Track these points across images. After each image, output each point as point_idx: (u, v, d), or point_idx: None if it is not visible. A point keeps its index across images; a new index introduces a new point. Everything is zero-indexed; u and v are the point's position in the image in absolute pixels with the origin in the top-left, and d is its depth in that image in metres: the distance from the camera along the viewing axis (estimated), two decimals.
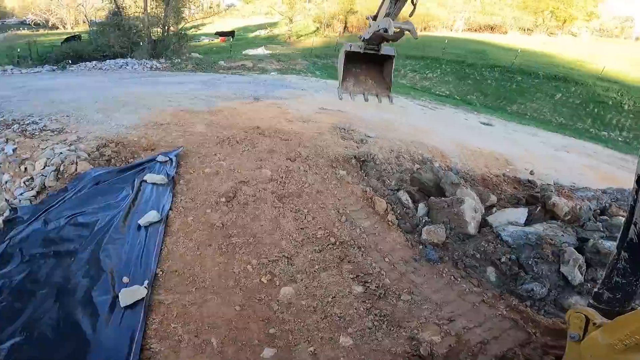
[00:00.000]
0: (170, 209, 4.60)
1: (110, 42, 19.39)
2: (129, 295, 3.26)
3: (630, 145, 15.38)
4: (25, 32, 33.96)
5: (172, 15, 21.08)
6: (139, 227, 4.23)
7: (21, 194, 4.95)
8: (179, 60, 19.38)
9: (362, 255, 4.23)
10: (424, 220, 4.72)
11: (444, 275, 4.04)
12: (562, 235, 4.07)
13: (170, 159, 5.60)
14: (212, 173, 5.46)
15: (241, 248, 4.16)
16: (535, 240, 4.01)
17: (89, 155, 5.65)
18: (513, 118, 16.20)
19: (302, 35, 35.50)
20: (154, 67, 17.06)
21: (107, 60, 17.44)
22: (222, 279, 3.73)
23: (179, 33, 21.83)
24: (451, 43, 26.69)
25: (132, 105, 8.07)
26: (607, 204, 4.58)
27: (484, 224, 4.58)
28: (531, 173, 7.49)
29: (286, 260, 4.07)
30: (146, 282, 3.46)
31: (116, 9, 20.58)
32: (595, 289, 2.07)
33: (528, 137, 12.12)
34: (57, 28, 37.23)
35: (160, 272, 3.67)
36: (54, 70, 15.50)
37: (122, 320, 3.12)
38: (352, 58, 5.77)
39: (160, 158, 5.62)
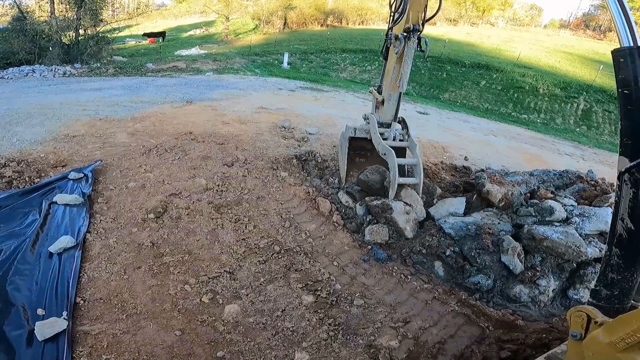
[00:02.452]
0: (88, 231, 4.11)
1: (14, 49, 17.46)
2: (46, 328, 2.96)
3: (548, 126, 16.92)
4: None
5: (88, 17, 19.59)
6: (51, 254, 3.76)
7: None
8: (98, 64, 17.82)
9: (309, 261, 4.04)
10: (367, 219, 4.62)
11: (394, 274, 3.97)
12: (499, 223, 4.15)
13: (85, 175, 4.98)
14: (137, 187, 4.91)
15: (176, 267, 3.79)
16: (475, 231, 4.05)
17: None
18: (446, 106, 17.03)
19: (240, 33, 34.55)
20: (68, 73, 15.45)
21: (10, 69, 15.46)
22: (156, 303, 3.38)
23: (96, 35, 20.15)
24: None
25: (38, 117, 7.08)
26: (535, 187, 4.77)
27: (427, 216, 4.57)
28: (465, 159, 7.81)
29: (228, 275, 3.76)
30: (65, 312, 3.14)
31: (20, 14, 18.61)
32: (593, 287, 2.04)
33: (460, 123, 12.75)
34: None
35: (82, 301, 3.29)
36: None
37: (43, 354, 2.85)
38: (355, 143, 5.35)
39: (73, 175, 4.96)
